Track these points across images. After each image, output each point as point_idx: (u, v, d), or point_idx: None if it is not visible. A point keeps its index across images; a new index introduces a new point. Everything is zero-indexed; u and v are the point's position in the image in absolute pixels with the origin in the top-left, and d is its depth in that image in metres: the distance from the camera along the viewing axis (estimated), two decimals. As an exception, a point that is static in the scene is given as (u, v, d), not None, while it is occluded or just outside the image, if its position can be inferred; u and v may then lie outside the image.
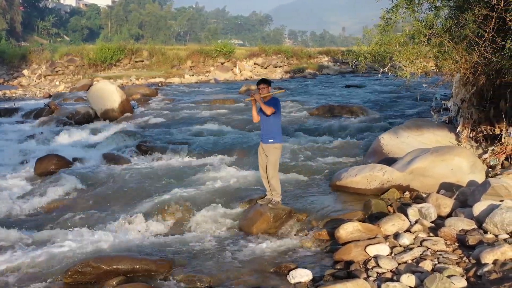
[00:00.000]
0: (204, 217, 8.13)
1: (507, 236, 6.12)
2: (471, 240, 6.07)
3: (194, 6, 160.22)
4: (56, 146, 14.51)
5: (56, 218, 8.37)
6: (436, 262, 5.71)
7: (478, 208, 6.66)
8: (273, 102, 7.93)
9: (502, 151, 10.00)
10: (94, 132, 16.30)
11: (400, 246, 6.33)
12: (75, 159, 12.29)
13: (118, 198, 9.31)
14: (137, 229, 7.81)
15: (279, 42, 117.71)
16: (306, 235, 7.40)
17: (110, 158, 12.21)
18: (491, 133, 10.80)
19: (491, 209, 6.50)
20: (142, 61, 41.57)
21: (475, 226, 6.52)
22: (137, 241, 7.31)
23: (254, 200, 8.47)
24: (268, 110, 7.81)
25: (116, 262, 6.19)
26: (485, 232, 6.32)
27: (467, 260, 5.71)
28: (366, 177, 8.79)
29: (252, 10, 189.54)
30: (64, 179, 10.23)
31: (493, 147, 10.25)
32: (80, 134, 15.97)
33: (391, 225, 6.75)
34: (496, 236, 6.19)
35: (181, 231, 7.84)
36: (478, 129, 10.99)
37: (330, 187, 9.36)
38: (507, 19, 9.19)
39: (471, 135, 11.09)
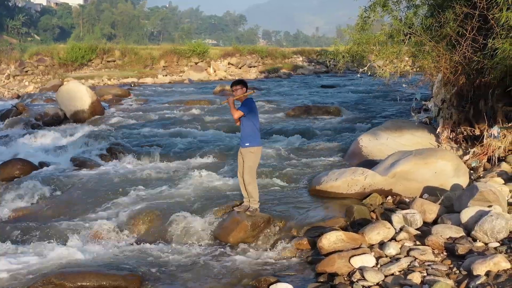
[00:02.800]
0: (178, 225, 7.64)
1: (497, 244, 5.81)
2: (461, 249, 5.73)
3: (167, 5, 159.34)
4: (22, 149, 13.84)
5: (17, 229, 7.77)
6: (425, 274, 5.35)
7: (466, 214, 6.34)
8: (247, 104, 7.54)
9: (484, 152, 9.77)
10: (63, 134, 15.65)
11: (386, 256, 5.96)
12: (41, 164, 11.70)
13: (86, 205, 8.76)
14: (105, 240, 7.33)
15: (253, 42, 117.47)
16: (286, 244, 6.99)
17: (79, 162, 11.65)
18: (471, 133, 10.60)
19: (479, 215, 6.19)
20: (114, 61, 40.71)
21: (463, 234, 6.20)
22: (105, 253, 6.83)
23: (230, 207, 8.03)
24: (235, 114, 7.49)
25: (80, 279, 5.70)
26: (474, 240, 6.01)
27: (457, 272, 5.37)
28: (347, 181, 8.43)
29: (226, 10, 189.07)
30: (28, 186, 9.65)
31: (474, 149, 10.02)
32: (48, 137, 15.30)
33: (376, 234, 6.38)
34: (486, 244, 5.88)
35: (153, 241, 7.37)
36: (458, 130, 10.78)
37: (309, 192, 8.96)
38: (489, 17, 8.96)
39: (451, 136, 10.87)
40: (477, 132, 10.47)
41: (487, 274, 5.05)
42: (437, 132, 10.97)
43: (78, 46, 39.98)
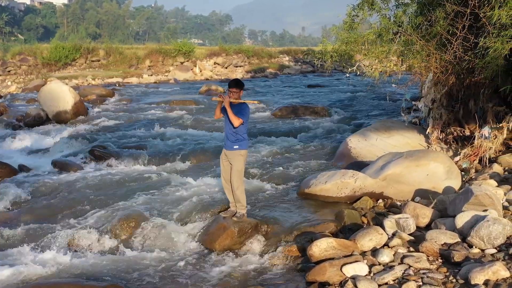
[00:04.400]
0: (161, 232, 7.32)
1: (494, 250, 5.59)
2: (457, 256, 5.49)
3: (153, 5, 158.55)
4: (2, 151, 13.45)
5: (-8, 236, 7.44)
6: (421, 283, 5.10)
7: (462, 219, 6.10)
8: (242, 108, 7.19)
9: (475, 153, 9.58)
10: (45, 136, 15.26)
11: (379, 264, 5.70)
12: (21, 167, 11.30)
13: (65, 211, 8.37)
14: (84, 248, 6.99)
15: (239, 41, 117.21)
16: (274, 251, 6.70)
17: (60, 165, 11.27)
18: (461, 134, 10.41)
19: (475, 220, 5.96)
20: (99, 60, 40.18)
21: (459, 240, 5.97)
22: (85, 262, 6.48)
23: (216, 212, 7.74)
24: (236, 122, 7.05)
25: (57, 291, 5.40)
26: (470, 246, 5.78)
27: (454, 280, 5.12)
28: (336, 184, 8.16)
29: (212, 9, 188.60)
30: (6, 190, 9.24)
31: (465, 150, 9.82)
32: (29, 139, 14.88)
33: (368, 240, 6.12)
34: (483, 250, 5.65)
35: (135, 249, 7.04)
36: (448, 130, 10.59)
37: (297, 195, 8.68)
38: (480, 16, 8.76)
39: (441, 137, 10.67)
40: (467, 133, 10.29)
41: (486, 283, 4.82)
42: (427, 132, 10.77)
43: (61, 45, 39.40)
